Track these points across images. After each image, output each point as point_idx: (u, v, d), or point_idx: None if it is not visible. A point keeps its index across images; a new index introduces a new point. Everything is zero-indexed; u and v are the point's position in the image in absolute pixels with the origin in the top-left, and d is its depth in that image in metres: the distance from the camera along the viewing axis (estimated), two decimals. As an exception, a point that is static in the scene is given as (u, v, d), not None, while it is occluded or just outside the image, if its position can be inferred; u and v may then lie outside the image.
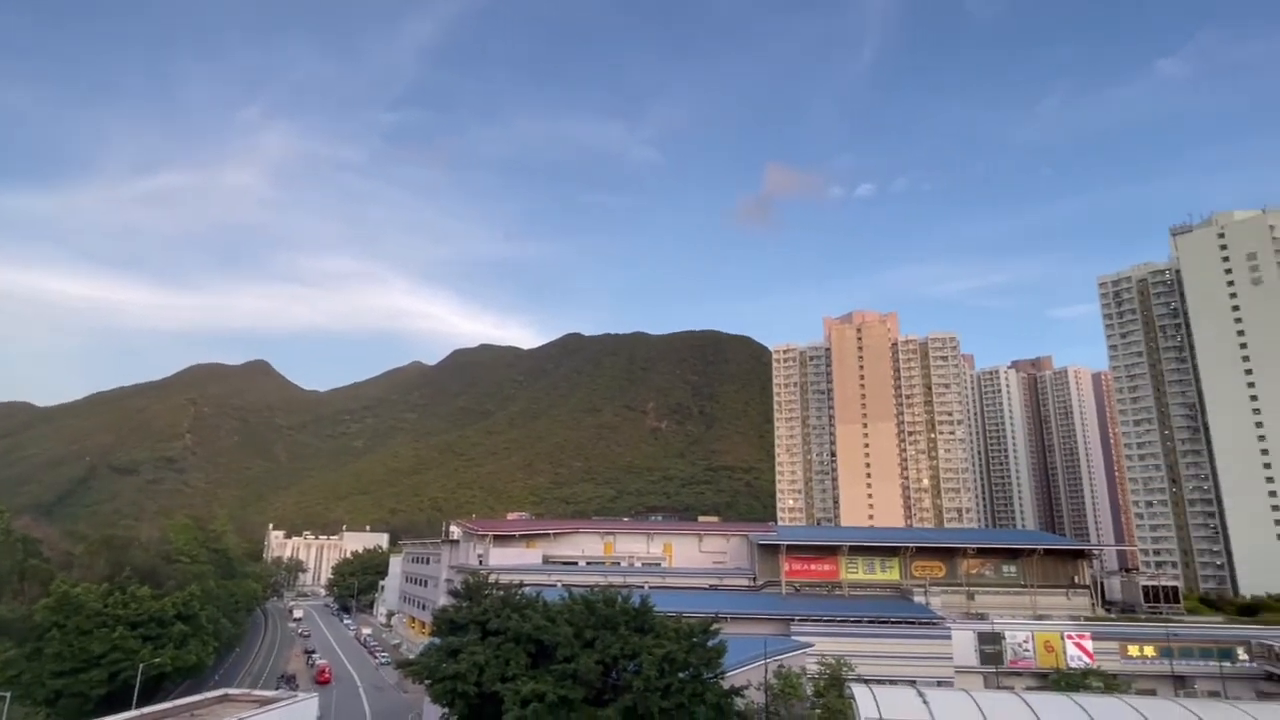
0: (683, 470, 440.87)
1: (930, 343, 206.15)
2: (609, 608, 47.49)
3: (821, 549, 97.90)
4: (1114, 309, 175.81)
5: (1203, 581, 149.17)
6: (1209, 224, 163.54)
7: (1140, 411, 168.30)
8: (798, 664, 65.41)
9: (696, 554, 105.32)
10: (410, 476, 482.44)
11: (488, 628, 48.37)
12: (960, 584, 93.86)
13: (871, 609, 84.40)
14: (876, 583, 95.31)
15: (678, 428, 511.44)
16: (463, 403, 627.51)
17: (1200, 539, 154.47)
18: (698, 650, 45.13)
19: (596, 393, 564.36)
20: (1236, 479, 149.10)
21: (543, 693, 41.41)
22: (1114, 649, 79.82)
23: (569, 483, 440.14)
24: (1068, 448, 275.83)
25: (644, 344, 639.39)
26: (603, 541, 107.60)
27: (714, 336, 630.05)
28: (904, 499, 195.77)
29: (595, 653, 44.19)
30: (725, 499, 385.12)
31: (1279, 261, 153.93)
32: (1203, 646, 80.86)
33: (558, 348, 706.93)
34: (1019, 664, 79.08)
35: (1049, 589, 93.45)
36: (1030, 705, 22.68)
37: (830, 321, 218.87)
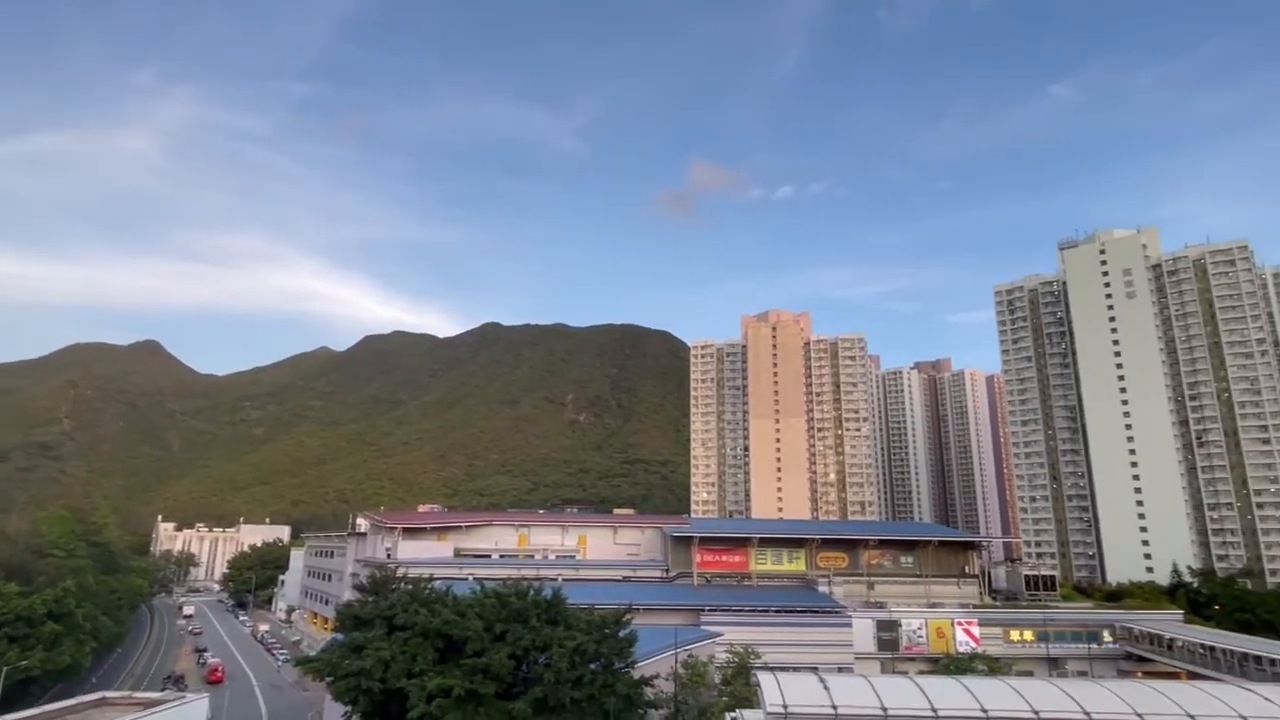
0: (600, 463, 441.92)
1: (840, 343, 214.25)
2: (521, 600, 47.21)
3: (732, 540, 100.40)
4: (1007, 316, 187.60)
5: (1076, 571, 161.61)
6: (1092, 240, 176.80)
7: (1027, 413, 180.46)
8: (707, 653, 66.87)
9: (611, 546, 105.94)
10: (315, 467, 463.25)
11: (394, 623, 47.15)
12: (861, 574, 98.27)
13: (779, 599, 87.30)
14: (784, 573, 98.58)
15: (596, 420, 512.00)
16: (373, 391, 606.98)
17: (1075, 531, 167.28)
18: (609, 641, 45.48)
19: (515, 384, 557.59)
20: (1107, 477, 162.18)
21: (450, 687, 40.77)
22: (998, 634, 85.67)
23: (484, 475, 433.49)
24: (962, 445, 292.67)
25: (564, 336, 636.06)
26: (517, 534, 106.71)
27: (634, 330, 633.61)
28: (811, 492, 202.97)
29: (506, 646, 43.86)
30: (641, 492, 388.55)
31: (1150, 277, 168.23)
32: (1074, 630, 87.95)
33: (476, 337, 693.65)
34: (913, 650, 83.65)
35: (942, 578, 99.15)
36: (921, 688, 23.99)
37: (747, 319, 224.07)
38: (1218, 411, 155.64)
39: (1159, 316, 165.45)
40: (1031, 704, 23.27)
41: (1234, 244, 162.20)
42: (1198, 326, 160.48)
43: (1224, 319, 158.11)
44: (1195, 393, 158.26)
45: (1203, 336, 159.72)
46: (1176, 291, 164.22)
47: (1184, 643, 78.32)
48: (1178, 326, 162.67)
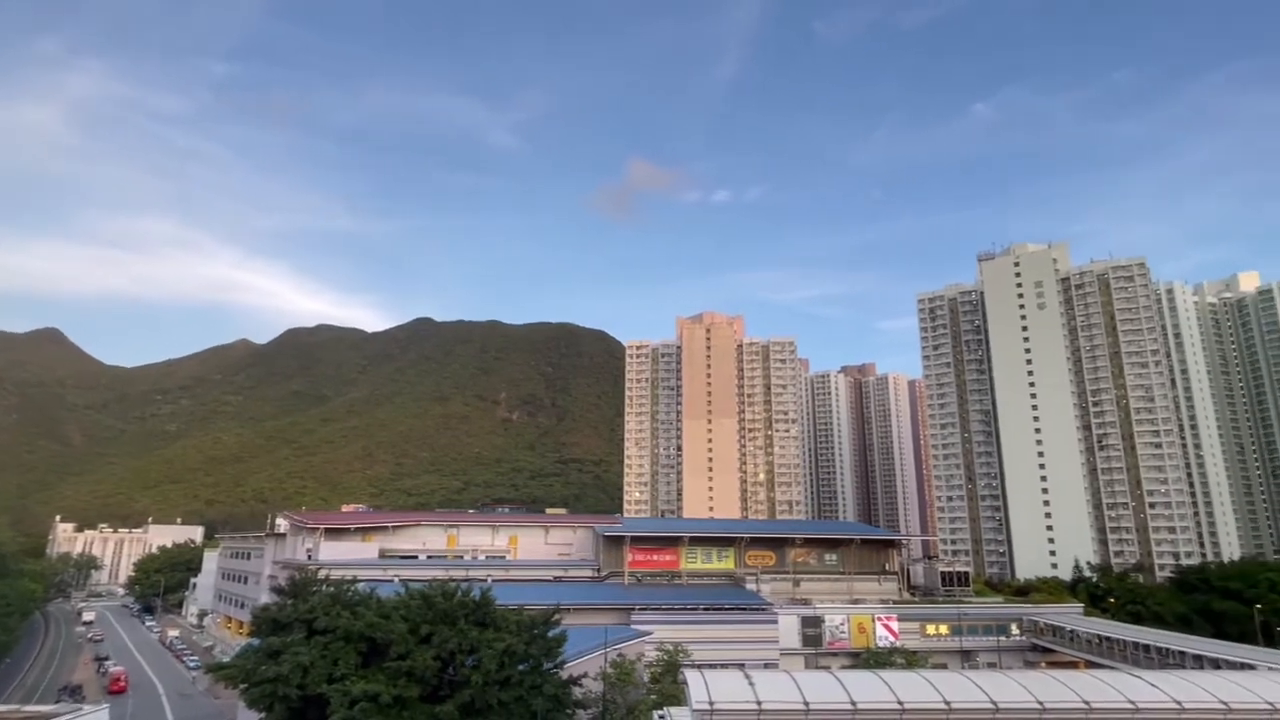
0: (533, 462, 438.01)
1: (772, 346, 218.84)
2: (448, 602, 46.39)
3: (664, 540, 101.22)
4: (929, 324, 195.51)
5: (988, 567, 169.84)
6: (1008, 253, 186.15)
7: (946, 416, 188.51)
8: (636, 652, 67.25)
9: (542, 546, 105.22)
10: (232, 465, 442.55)
11: (315, 626, 45.60)
12: (788, 572, 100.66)
13: (708, 597, 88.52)
14: (714, 571, 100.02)
15: (529, 419, 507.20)
16: (296, 386, 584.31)
17: (988, 529, 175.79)
18: (538, 642, 45.22)
19: (446, 381, 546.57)
20: (1017, 478, 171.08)
21: (375, 692, 39.72)
22: (916, 628, 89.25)
23: (412, 474, 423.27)
24: (885, 447, 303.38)
25: (499, 333, 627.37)
26: (446, 534, 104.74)
27: (570, 329, 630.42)
28: (742, 492, 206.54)
29: (432, 648, 43.03)
30: (574, 491, 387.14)
31: (1059, 290, 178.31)
32: (985, 624, 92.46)
33: (406, 332, 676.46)
34: (836, 645, 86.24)
35: (864, 575, 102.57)
36: (842, 683, 24.77)
37: (683, 321, 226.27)
38: (1116, 417, 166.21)
39: (1066, 327, 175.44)
40: (944, 695, 24.37)
41: (1133, 261, 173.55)
42: (1100, 337, 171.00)
43: (1123, 331, 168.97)
44: (1097, 399, 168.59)
45: (1104, 347, 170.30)
46: (1083, 304, 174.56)
47: (1083, 634, 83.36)
48: (1083, 336, 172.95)
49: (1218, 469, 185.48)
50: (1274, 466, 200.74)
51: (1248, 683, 27.01)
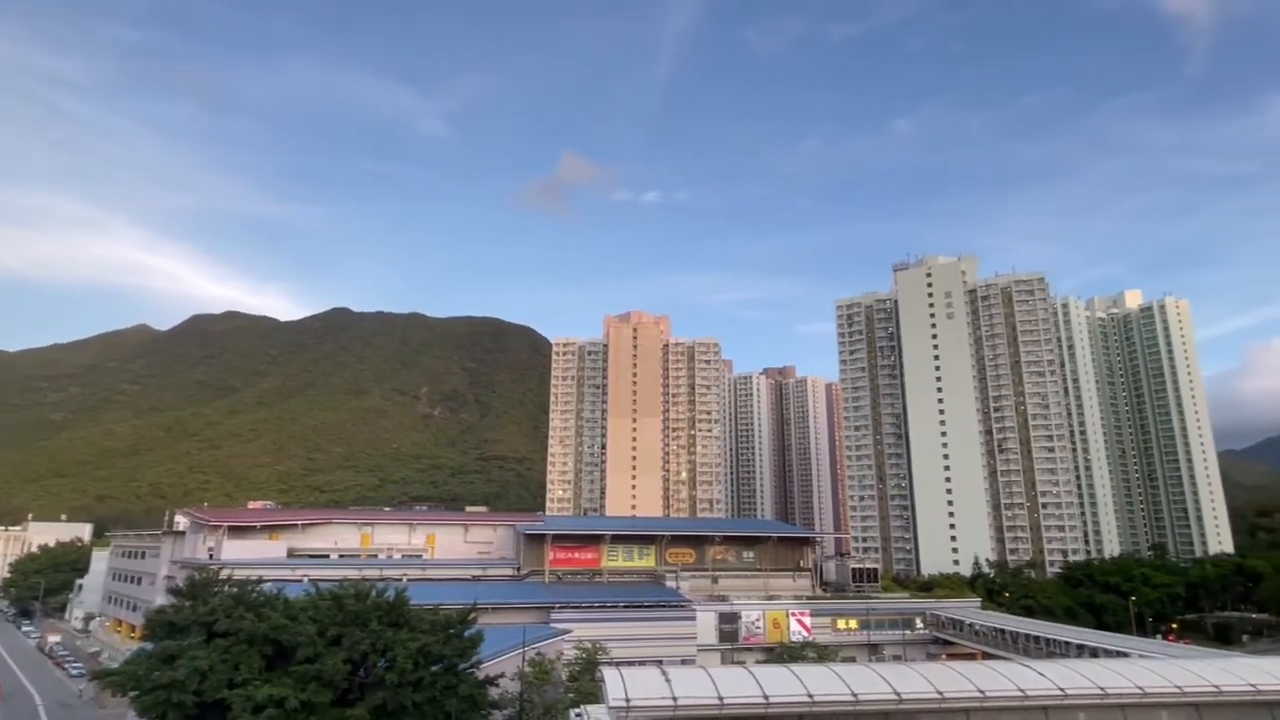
0: (453, 459, 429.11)
1: (697, 347, 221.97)
2: (360, 602, 44.98)
3: (586, 538, 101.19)
4: (846, 329, 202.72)
5: (896, 563, 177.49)
6: (921, 264, 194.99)
7: (860, 419, 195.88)
8: (555, 650, 66.96)
9: (461, 545, 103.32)
10: (127, 458, 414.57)
11: (215, 629, 43.33)
12: (707, 569, 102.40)
13: (628, 594, 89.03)
14: (635, 569, 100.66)
15: (451, 415, 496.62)
16: (201, 376, 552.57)
17: (897, 528, 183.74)
18: (454, 642, 44.42)
19: (364, 373, 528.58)
20: (924, 479, 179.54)
21: (282, 697, 38.08)
22: (827, 623, 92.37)
23: (325, 469, 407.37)
24: (802, 447, 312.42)
25: (421, 325, 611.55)
26: (359, 533, 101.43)
27: (495, 324, 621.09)
28: (664, 490, 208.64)
29: (343, 650, 41.63)
30: (496, 489, 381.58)
31: (966, 301, 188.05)
32: (892, 619, 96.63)
33: (322, 322, 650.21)
34: (752, 640, 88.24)
35: (779, 572, 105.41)
36: (755, 677, 25.40)
37: (610, 319, 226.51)
38: (1015, 423, 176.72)
39: (972, 336, 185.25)
40: (851, 688, 25.37)
41: (1034, 276, 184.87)
42: (1003, 347, 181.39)
43: (1023, 342, 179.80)
44: (998, 406, 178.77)
45: (1006, 356, 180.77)
46: (987, 315, 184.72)
47: (980, 627, 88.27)
48: (987, 346, 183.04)
49: (1102, 473, 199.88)
50: (1150, 471, 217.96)
51: (1122, 669, 29.28)
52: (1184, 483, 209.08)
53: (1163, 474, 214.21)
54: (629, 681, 24.44)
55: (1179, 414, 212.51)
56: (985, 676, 27.54)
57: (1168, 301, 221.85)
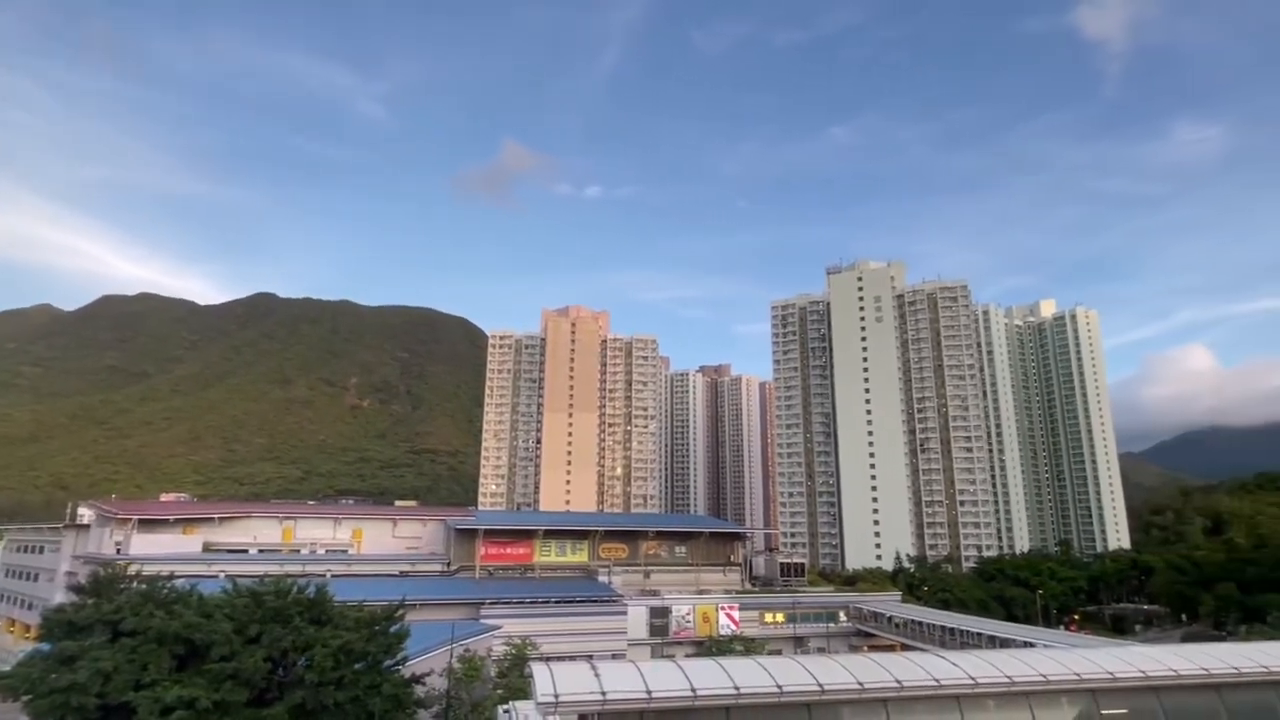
0: (383, 452, 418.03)
1: (635, 343, 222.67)
2: (281, 599, 43.36)
3: (518, 533, 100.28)
4: (780, 330, 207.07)
5: (822, 558, 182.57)
6: (853, 268, 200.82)
7: (791, 417, 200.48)
8: (485, 646, 66.21)
9: (389, 539, 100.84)
10: (25, 446, 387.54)
11: (121, 628, 41.04)
12: (640, 564, 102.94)
13: (560, 590, 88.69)
14: (567, 564, 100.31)
15: (381, 407, 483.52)
16: (111, 360, 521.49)
17: (824, 523, 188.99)
18: (379, 639, 43.36)
19: (290, 362, 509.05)
20: (851, 477, 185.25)
21: (193, 698, 36.38)
22: (755, 617, 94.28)
23: (246, 461, 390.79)
24: (735, 444, 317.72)
25: (351, 314, 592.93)
26: (281, 527, 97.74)
27: (429, 314, 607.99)
28: (599, 486, 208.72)
29: (262, 648, 40.07)
30: (427, 483, 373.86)
31: (895, 305, 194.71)
32: (817, 612, 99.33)
33: (245, 307, 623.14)
34: (682, 634, 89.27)
35: (710, 567, 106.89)
36: (684, 670, 25.73)
37: (548, 313, 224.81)
38: (937, 424, 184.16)
39: (899, 340, 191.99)
40: (776, 680, 25.99)
41: (957, 283, 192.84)
42: (927, 350, 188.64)
43: (946, 346, 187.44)
44: (921, 407, 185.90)
45: (930, 359, 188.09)
46: (914, 319, 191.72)
47: (899, 619, 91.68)
48: (912, 349, 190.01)
49: (1015, 473, 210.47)
50: (1058, 471, 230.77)
51: (1028, 659, 30.95)
52: (1088, 483, 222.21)
53: (1070, 474, 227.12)
54: (558, 676, 24.39)
55: (1086, 418, 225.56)
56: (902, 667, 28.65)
57: (1079, 311, 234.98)
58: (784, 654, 77.89)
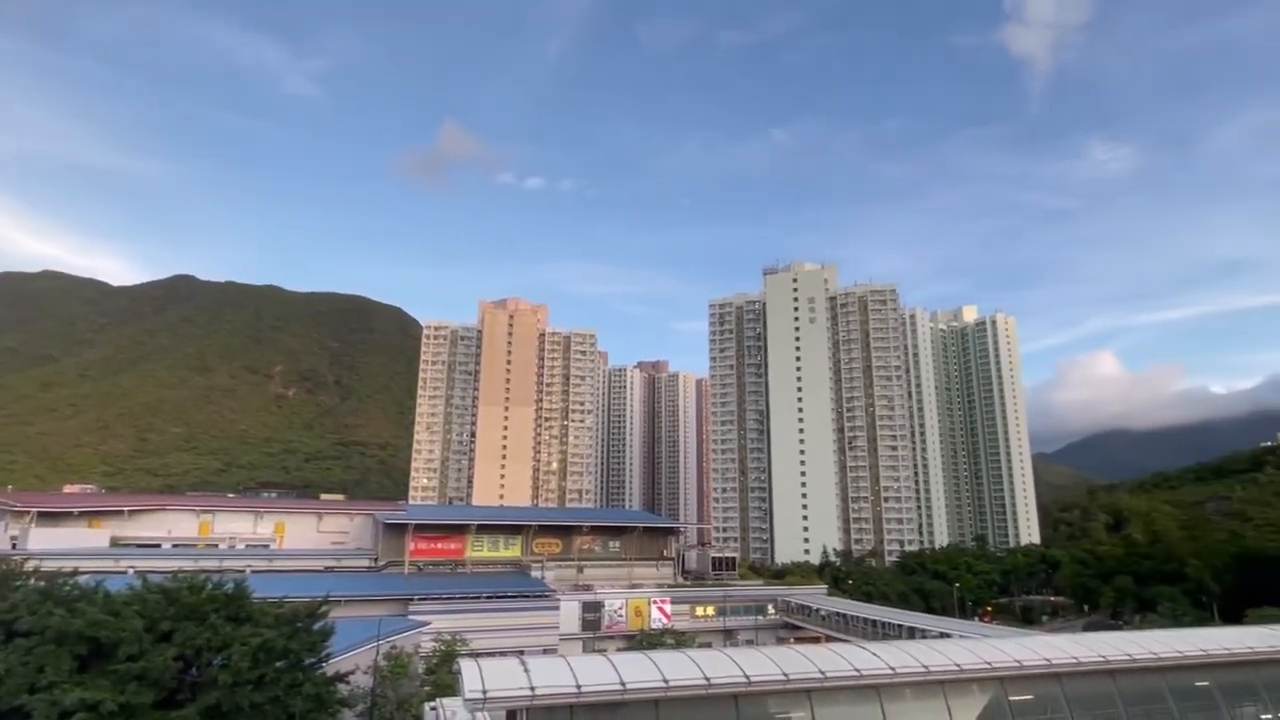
0: (309, 444, 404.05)
1: (574, 337, 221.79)
2: (195, 595, 41.48)
3: (450, 528, 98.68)
4: (718, 328, 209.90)
5: (753, 552, 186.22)
6: (788, 270, 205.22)
7: (726, 414, 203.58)
8: (413, 643, 64.94)
9: (314, 534, 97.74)
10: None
11: (15, 628, 38.50)
12: (573, 559, 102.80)
13: (491, 585, 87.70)
14: (500, 560, 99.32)
15: (308, 397, 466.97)
16: (10, 342, 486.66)
17: (755, 518, 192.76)
18: (301, 636, 41.96)
19: (210, 348, 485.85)
20: (782, 473, 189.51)
21: (96, 700, 34.41)
22: (686, 611, 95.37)
23: (160, 451, 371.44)
24: (671, 440, 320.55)
25: (277, 300, 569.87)
26: (198, 521, 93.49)
27: (362, 302, 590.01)
28: (534, 480, 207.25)
29: (173, 647, 38.22)
30: (355, 476, 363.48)
31: (827, 307, 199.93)
32: (746, 605, 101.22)
33: (163, 290, 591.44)
34: (614, 628, 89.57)
35: (644, 561, 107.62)
36: (614, 664, 25.89)
37: (485, 305, 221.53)
38: (864, 422, 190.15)
39: (831, 340, 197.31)
40: (704, 672, 26.44)
41: (887, 287, 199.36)
42: (857, 351, 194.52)
43: (875, 347, 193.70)
44: (850, 406, 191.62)
45: (860, 360, 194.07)
46: (845, 321, 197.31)
47: (825, 612, 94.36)
48: (843, 350, 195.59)
49: (936, 470, 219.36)
50: (976, 470, 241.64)
51: (943, 649, 32.39)
52: (1003, 481, 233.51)
53: (986, 473, 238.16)
54: (486, 672, 24.18)
55: (1002, 420, 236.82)
56: (825, 658, 29.56)
57: (998, 318, 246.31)
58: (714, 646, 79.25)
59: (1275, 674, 34.45)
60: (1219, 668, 33.64)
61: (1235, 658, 33.81)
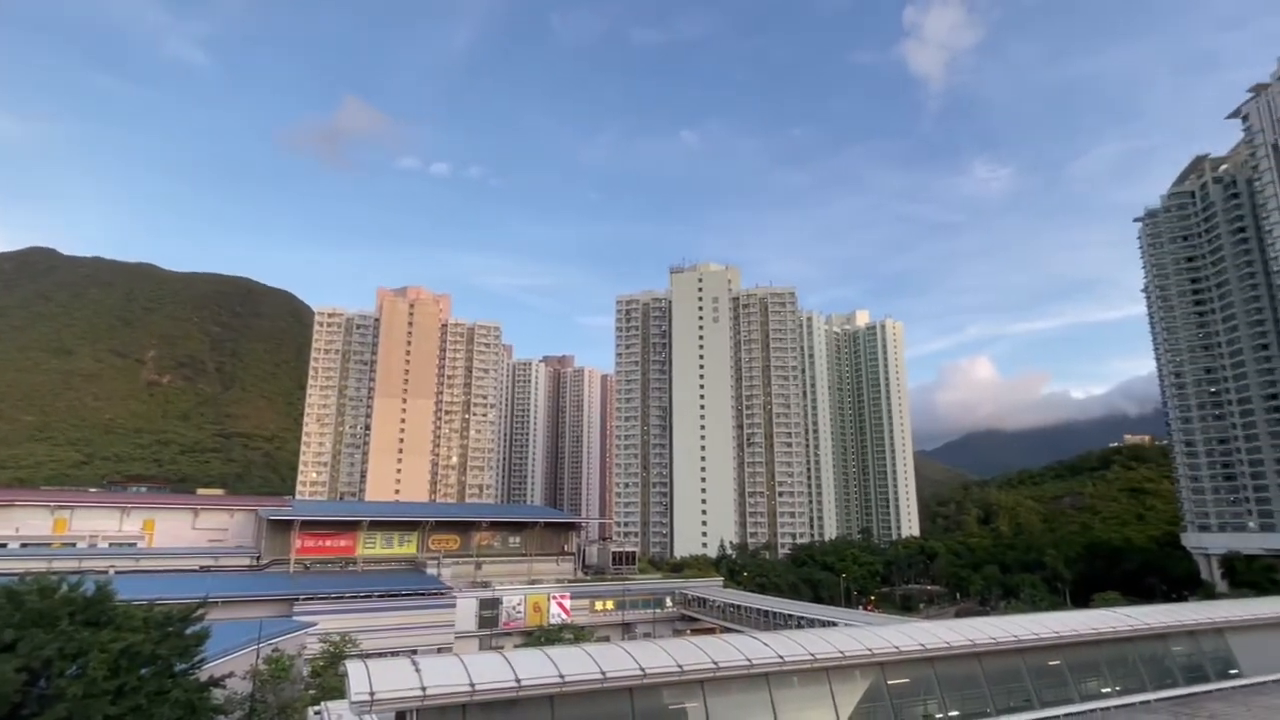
0: (186, 435, 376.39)
1: (477, 329, 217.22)
2: (45, 598, 37.83)
3: (340, 524, 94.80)
4: (624, 324, 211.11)
5: (653, 546, 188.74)
6: (694, 269, 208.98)
7: (630, 410, 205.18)
8: (298, 645, 62.00)
9: (189, 532, 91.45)
10: None
11: None
12: (472, 555, 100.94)
13: (384, 583, 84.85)
14: (395, 557, 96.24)
15: (186, 384, 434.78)
16: None
17: (655, 513, 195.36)
18: (171, 640, 39.12)
19: (72, 329, 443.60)
20: (683, 468, 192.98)
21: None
22: (586, 605, 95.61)
23: (10, 442, 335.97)
24: (575, 435, 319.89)
25: (152, 279, 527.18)
26: (52, 517, 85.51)
27: (248, 285, 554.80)
28: (432, 475, 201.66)
29: (17, 657, 34.72)
30: (237, 470, 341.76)
31: (730, 307, 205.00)
32: (645, 599, 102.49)
33: (16, 263, 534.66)
34: (511, 625, 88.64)
35: (544, 557, 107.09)
36: (509, 661, 25.62)
37: (384, 292, 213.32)
38: (762, 420, 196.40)
39: (733, 340, 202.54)
40: (600, 666, 26.57)
41: (786, 290, 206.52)
42: (757, 351, 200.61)
43: (774, 348, 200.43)
44: (749, 404, 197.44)
45: (759, 360, 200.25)
46: (747, 322, 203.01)
47: (719, 604, 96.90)
48: (744, 350, 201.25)
49: (828, 466, 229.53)
50: (864, 466, 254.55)
51: (829, 637, 33.95)
52: (888, 477, 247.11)
53: (873, 469, 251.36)
54: (374, 673, 23.36)
55: (889, 419, 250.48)
56: (719, 649, 30.37)
57: (888, 323, 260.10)
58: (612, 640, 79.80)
59: (1115, 652, 38.23)
60: (1068, 648, 36.96)
61: (1082, 638, 37.25)
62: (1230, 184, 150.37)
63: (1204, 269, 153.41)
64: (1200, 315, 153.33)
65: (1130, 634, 38.72)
